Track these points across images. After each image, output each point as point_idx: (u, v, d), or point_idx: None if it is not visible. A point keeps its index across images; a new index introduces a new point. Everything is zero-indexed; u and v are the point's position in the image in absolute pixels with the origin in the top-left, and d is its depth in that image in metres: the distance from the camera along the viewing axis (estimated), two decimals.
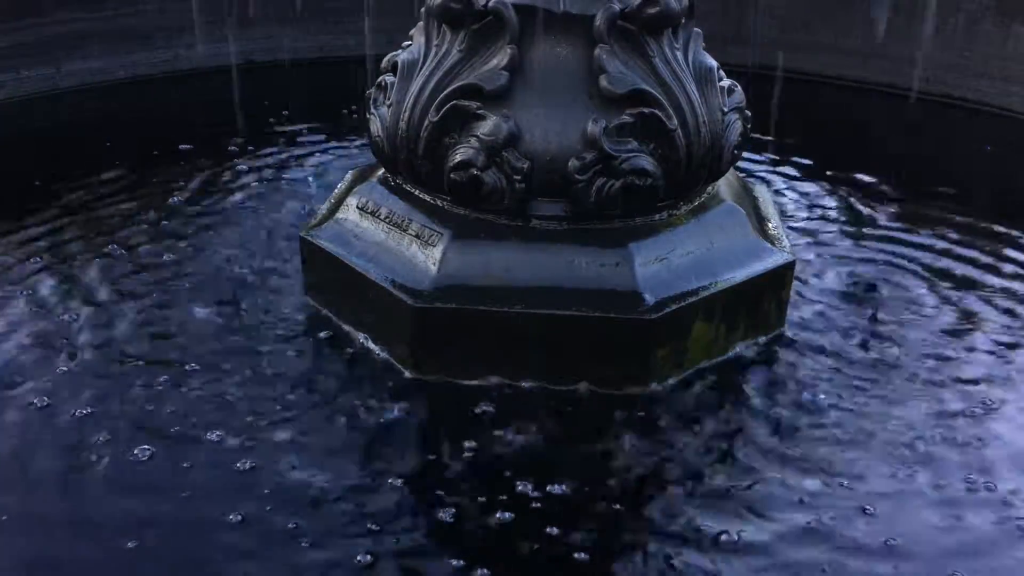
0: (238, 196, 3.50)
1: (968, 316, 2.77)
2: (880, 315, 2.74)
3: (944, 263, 3.09)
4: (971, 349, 2.60)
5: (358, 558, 1.85)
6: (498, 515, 1.97)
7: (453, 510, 1.99)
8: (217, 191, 3.54)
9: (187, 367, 2.41)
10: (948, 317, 2.76)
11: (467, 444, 2.16)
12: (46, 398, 2.29)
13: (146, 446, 2.13)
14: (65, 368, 2.41)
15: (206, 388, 2.34)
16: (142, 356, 2.47)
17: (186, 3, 4.83)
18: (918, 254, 3.15)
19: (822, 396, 2.36)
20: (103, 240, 3.10)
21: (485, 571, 1.83)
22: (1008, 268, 3.08)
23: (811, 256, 3.08)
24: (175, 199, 3.43)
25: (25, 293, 2.76)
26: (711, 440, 2.21)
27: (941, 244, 3.23)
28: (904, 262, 3.09)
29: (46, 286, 2.80)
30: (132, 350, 2.50)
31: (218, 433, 2.18)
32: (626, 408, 2.28)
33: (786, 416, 2.30)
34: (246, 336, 2.55)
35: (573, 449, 2.16)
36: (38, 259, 2.95)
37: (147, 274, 2.89)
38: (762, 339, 2.55)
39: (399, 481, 2.06)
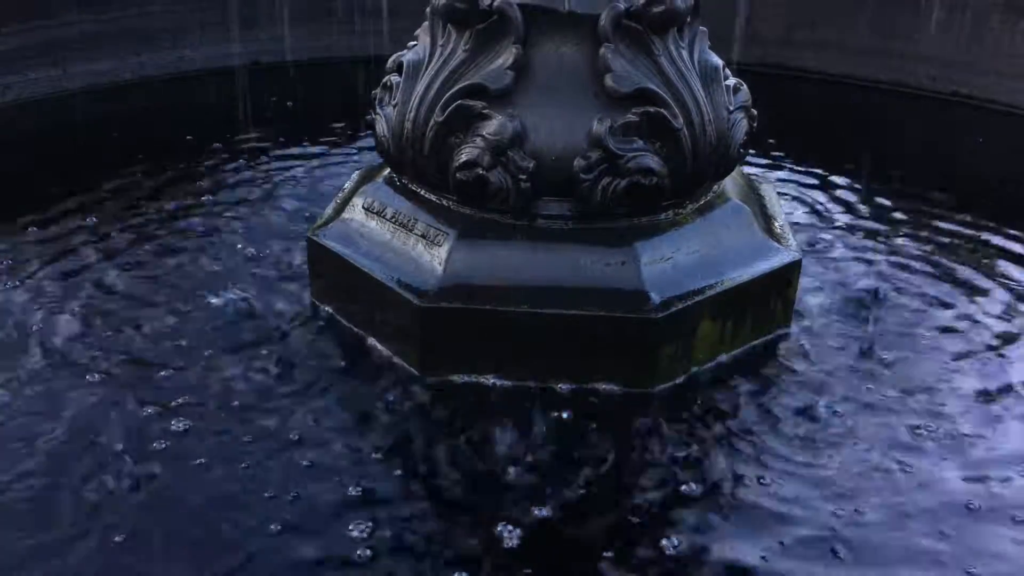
0: (244, 196, 3.51)
1: (968, 317, 2.76)
2: (884, 314, 2.73)
3: (948, 263, 3.08)
4: (969, 354, 2.59)
5: (358, 552, 1.86)
6: (502, 513, 1.96)
7: (456, 508, 1.99)
8: (223, 191, 3.55)
9: (191, 367, 2.42)
10: (950, 318, 2.76)
11: (473, 443, 2.16)
12: (50, 390, 2.31)
13: (157, 442, 2.14)
14: (67, 363, 2.42)
15: (210, 388, 2.34)
16: (146, 354, 2.48)
17: (191, 4, 4.85)
18: (924, 253, 3.15)
19: (827, 398, 2.36)
20: (108, 240, 3.11)
21: (486, 568, 1.84)
22: (1011, 268, 3.07)
23: (815, 255, 3.07)
24: (180, 199, 3.44)
25: (32, 290, 2.77)
26: (717, 439, 2.21)
27: (946, 243, 3.23)
28: (910, 261, 3.09)
29: (52, 284, 2.81)
30: (135, 348, 2.50)
31: (223, 432, 2.18)
32: (632, 407, 2.28)
33: (791, 417, 2.29)
34: (251, 336, 2.55)
35: (579, 448, 2.16)
36: (44, 258, 2.96)
37: (152, 274, 2.90)
38: (768, 338, 2.55)
39: (404, 479, 2.06)
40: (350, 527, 1.92)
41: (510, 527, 1.92)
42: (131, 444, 2.15)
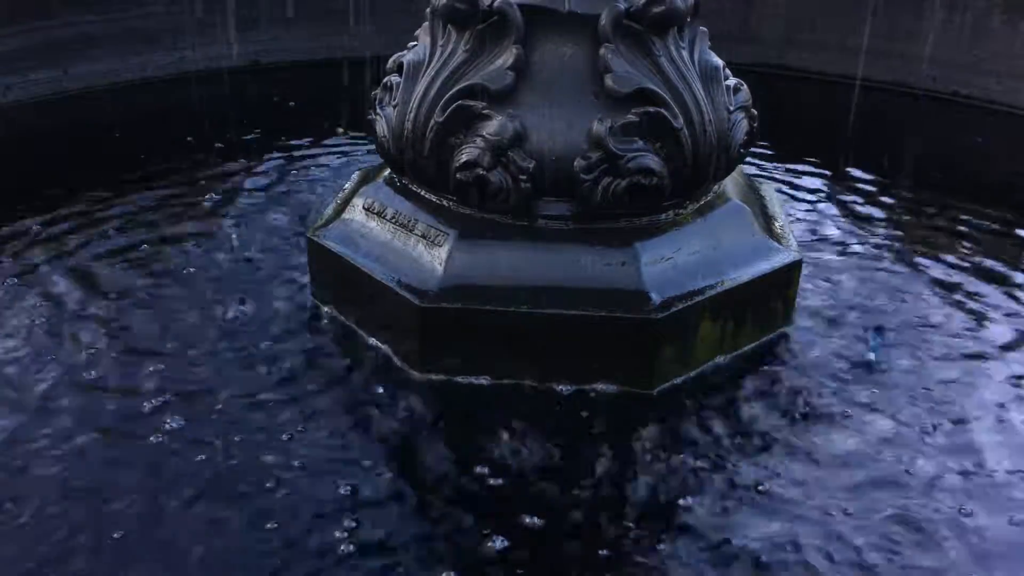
0: (244, 196, 3.51)
1: (969, 317, 2.76)
2: (884, 314, 2.73)
3: (949, 263, 3.08)
4: (971, 353, 2.59)
5: (342, 548, 1.86)
6: (497, 514, 1.96)
7: (456, 509, 1.99)
8: (223, 191, 3.55)
9: (191, 367, 2.42)
10: (950, 317, 2.76)
11: (473, 444, 2.16)
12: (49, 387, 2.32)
13: (153, 437, 2.15)
14: (66, 360, 2.43)
15: (207, 386, 2.34)
16: (143, 352, 2.48)
17: (191, 4, 4.85)
18: (924, 253, 3.14)
19: (828, 399, 2.35)
20: (107, 239, 3.11)
21: (477, 569, 1.84)
22: (1013, 269, 3.07)
23: (816, 255, 3.07)
24: (180, 199, 3.44)
25: (32, 289, 2.77)
26: (718, 439, 2.20)
27: (946, 243, 3.22)
28: (910, 262, 3.08)
29: (54, 283, 2.81)
30: (133, 346, 2.51)
31: (218, 430, 2.18)
32: (632, 407, 2.28)
33: (792, 418, 2.29)
34: (252, 336, 2.55)
35: (579, 449, 2.16)
36: (44, 257, 2.96)
37: (152, 273, 2.90)
38: (769, 338, 2.55)
39: (402, 479, 2.06)
40: (336, 525, 1.92)
41: (504, 527, 1.92)
42: (125, 440, 2.15)
